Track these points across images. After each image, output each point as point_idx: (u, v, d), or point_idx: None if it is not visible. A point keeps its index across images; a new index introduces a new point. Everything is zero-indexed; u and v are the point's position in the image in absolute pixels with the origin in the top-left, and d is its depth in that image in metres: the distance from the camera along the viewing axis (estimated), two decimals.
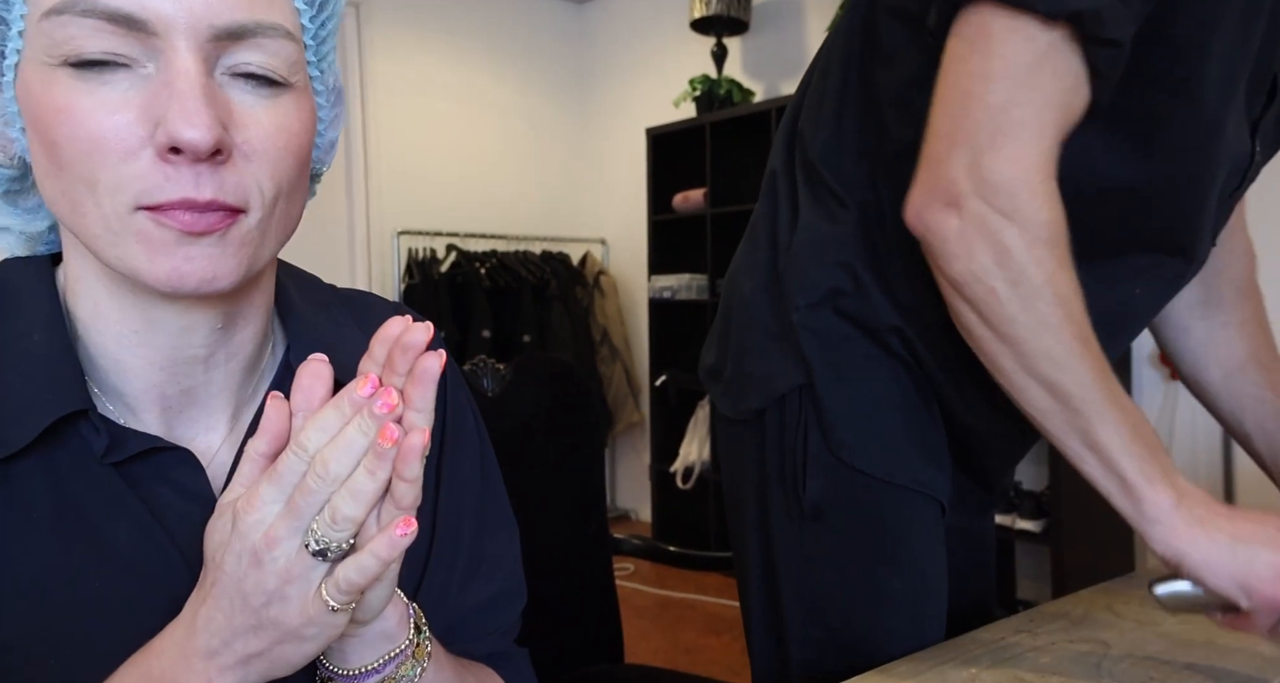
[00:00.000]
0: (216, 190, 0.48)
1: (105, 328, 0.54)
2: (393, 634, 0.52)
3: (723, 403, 0.95)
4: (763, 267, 0.92)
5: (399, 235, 4.13)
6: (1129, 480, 0.70)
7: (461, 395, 0.71)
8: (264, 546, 0.45)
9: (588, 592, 1.32)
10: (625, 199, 4.58)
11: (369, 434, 0.45)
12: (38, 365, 0.52)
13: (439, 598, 0.65)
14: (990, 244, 0.70)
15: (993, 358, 0.73)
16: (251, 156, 0.50)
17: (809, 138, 0.90)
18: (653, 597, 3.48)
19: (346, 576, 0.46)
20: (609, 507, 4.31)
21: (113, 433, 0.53)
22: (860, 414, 0.85)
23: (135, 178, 0.47)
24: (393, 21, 4.14)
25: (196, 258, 0.49)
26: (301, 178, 0.54)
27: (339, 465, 0.45)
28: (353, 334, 0.66)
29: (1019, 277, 0.69)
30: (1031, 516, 2.80)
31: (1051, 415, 0.72)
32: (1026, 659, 0.76)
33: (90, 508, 0.52)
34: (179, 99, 0.46)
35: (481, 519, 0.69)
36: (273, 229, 0.53)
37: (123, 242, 0.49)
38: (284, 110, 0.52)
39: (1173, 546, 0.69)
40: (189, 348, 0.55)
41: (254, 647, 0.47)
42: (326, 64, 0.57)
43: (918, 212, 0.73)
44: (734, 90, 3.84)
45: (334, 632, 0.48)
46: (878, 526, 0.85)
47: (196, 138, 0.46)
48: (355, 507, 0.45)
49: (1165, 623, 0.84)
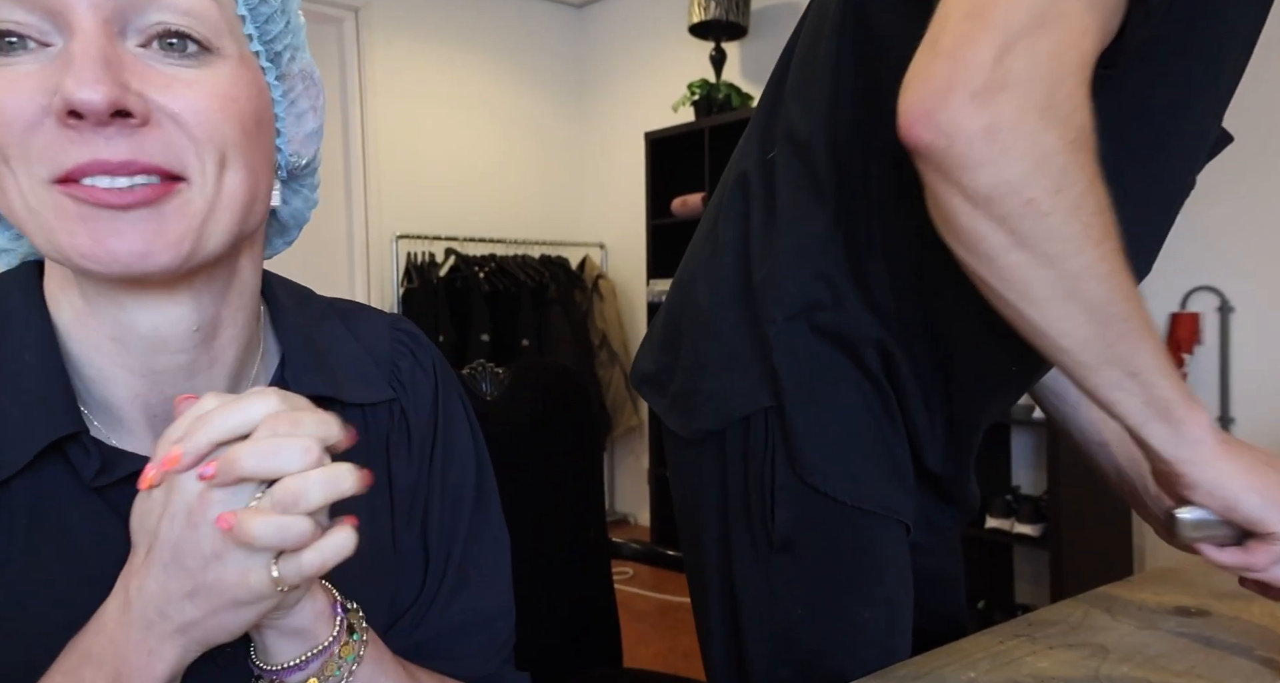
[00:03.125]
0: (134, 152, 0.47)
1: (85, 336, 0.53)
2: (310, 631, 0.51)
3: (670, 419, 0.89)
4: (729, 276, 0.85)
5: (398, 239, 4.13)
6: (1169, 402, 0.66)
7: (456, 407, 0.70)
8: (199, 505, 0.44)
9: (586, 596, 1.32)
10: (624, 203, 4.59)
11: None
12: (29, 387, 0.51)
13: (422, 613, 0.65)
14: (1029, 146, 0.59)
15: (1025, 287, 0.63)
16: (179, 120, 0.48)
17: (798, 128, 0.83)
18: (651, 601, 3.47)
19: (311, 559, 0.45)
20: (608, 511, 4.31)
21: (104, 455, 0.52)
22: (831, 438, 0.80)
23: (41, 148, 0.46)
24: (392, 26, 4.15)
25: (126, 232, 0.47)
26: (252, 151, 0.52)
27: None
28: (350, 347, 0.65)
29: (1061, 183, 0.60)
30: (1030, 520, 2.80)
31: (1090, 344, 0.64)
32: (1025, 664, 0.76)
33: (77, 533, 0.52)
34: (74, 62, 0.45)
35: (473, 536, 0.68)
36: (223, 205, 0.51)
37: (43, 219, 0.47)
38: (215, 75, 0.50)
39: (1215, 467, 0.67)
40: (166, 354, 0.54)
41: (190, 615, 0.46)
42: (280, 45, 0.55)
43: (926, 112, 0.60)
44: (732, 95, 3.84)
45: (271, 602, 0.47)
46: (848, 554, 0.81)
47: (91, 96, 0.44)
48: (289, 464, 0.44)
49: (1164, 627, 0.84)
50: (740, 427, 0.83)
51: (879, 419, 0.81)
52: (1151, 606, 0.91)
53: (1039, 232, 0.61)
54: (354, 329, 0.67)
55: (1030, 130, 0.59)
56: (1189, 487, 0.69)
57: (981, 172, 0.60)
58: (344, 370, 0.63)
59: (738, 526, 0.83)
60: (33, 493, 0.51)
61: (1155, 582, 0.99)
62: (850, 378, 0.81)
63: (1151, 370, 0.65)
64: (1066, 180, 0.60)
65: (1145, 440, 0.68)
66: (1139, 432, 0.68)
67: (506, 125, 4.58)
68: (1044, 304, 0.63)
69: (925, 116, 0.60)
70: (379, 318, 0.70)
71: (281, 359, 0.62)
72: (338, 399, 0.62)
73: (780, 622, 0.82)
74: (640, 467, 4.54)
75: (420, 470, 0.66)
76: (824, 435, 0.80)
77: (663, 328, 0.94)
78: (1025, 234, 0.61)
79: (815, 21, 0.86)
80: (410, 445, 0.66)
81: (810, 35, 0.86)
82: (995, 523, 2.87)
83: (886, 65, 0.75)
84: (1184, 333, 2.72)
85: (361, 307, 0.71)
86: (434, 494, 0.66)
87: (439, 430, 0.68)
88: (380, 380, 0.65)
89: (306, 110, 0.59)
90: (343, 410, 0.63)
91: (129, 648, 0.46)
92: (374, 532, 0.63)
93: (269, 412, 0.45)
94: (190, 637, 0.46)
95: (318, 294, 0.69)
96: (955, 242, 0.65)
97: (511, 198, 4.59)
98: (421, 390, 0.68)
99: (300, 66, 0.58)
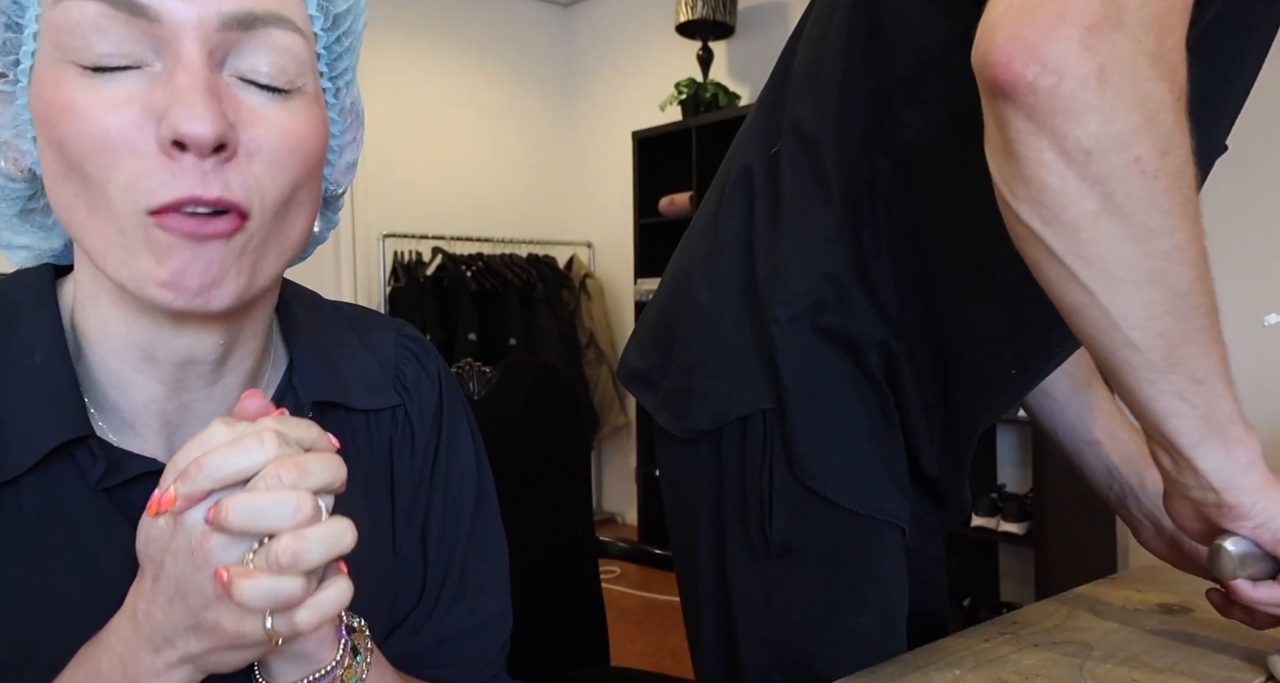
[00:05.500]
0: (223, 189, 0.47)
1: (111, 345, 0.53)
2: (314, 655, 0.51)
3: (662, 417, 0.88)
4: (729, 274, 0.83)
5: (384, 238, 4.12)
6: (1226, 419, 0.60)
7: (459, 414, 0.70)
8: (200, 547, 0.44)
9: (573, 595, 1.32)
10: (611, 202, 4.58)
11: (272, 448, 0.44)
12: (38, 387, 0.51)
13: (422, 619, 0.65)
14: (1142, 96, 0.52)
15: (1106, 265, 0.56)
16: (255, 155, 0.49)
17: (806, 125, 0.81)
18: (639, 600, 3.48)
19: (305, 617, 0.45)
20: (595, 510, 4.32)
21: (110, 457, 0.52)
22: (832, 441, 0.78)
23: (143, 175, 0.46)
24: (378, 24, 4.13)
25: (199, 260, 0.48)
26: (309, 189, 0.53)
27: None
28: (356, 352, 0.65)
29: (1169, 144, 0.53)
30: (1015, 518, 2.82)
31: (1162, 341, 0.58)
32: (1009, 662, 0.76)
33: (83, 532, 0.52)
34: (181, 92, 0.46)
35: (473, 542, 0.68)
36: (274, 243, 0.52)
37: (129, 247, 0.47)
38: (292, 113, 0.51)
39: (1269, 496, 0.62)
40: (193, 365, 0.54)
41: (194, 648, 0.46)
42: (343, 81, 0.56)
43: (1029, 44, 0.52)
44: (720, 94, 3.85)
45: (268, 645, 0.47)
46: (845, 559, 0.80)
47: (199, 130, 0.45)
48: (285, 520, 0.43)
49: (1147, 624, 0.85)
50: (737, 427, 0.81)
51: (877, 423, 0.80)
52: (1135, 603, 0.91)
53: (1138, 197, 0.54)
54: (361, 334, 0.67)
55: (1144, 78, 0.52)
56: (1238, 517, 0.63)
57: (1088, 119, 0.52)
58: (351, 376, 0.64)
59: (733, 529, 0.82)
60: (41, 492, 0.51)
61: (1139, 580, 1.00)
62: (852, 380, 0.79)
63: (1217, 379, 0.60)
64: (1173, 142, 0.54)
65: (1193, 463, 0.62)
66: (1189, 454, 0.62)
67: (493, 124, 4.58)
68: (1122, 287, 0.56)
69: (1027, 50, 0.52)
70: (385, 324, 0.70)
71: (290, 364, 0.62)
72: (344, 405, 0.62)
73: (776, 627, 0.81)
74: (628, 466, 4.54)
75: (423, 476, 0.67)
76: (825, 439, 0.78)
77: (654, 325, 0.92)
78: (1122, 200, 0.54)
79: (823, 15, 0.84)
80: (413, 451, 0.66)
81: (818, 29, 0.84)
82: (981, 521, 2.89)
83: (898, 62, 0.75)
84: None
85: (366, 311, 0.71)
86: (435, 500, 0.67)
87: (442, 437, 0.68)
88: (386, 386, 0.66)
89: (350, 142, 0.60)
90: (348, 416, 0.63)
91: (138, 669, 0.46)
92: (375, 536, 0.64)
93: (269, 457, 0.44)
94: (196, 665, 0.47)
95: (323, 298, 0.69)
96: (1033, 207, 0.57)
97: (499, 197, 4.58)
98: (426, 396, 0.68)
99: (351, 99, 0.59)
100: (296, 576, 0.43)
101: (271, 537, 0.43)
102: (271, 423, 0.45)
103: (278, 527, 0.43)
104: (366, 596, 0.58)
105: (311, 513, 0.43)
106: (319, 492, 0.44)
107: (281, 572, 0.43)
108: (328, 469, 0.45)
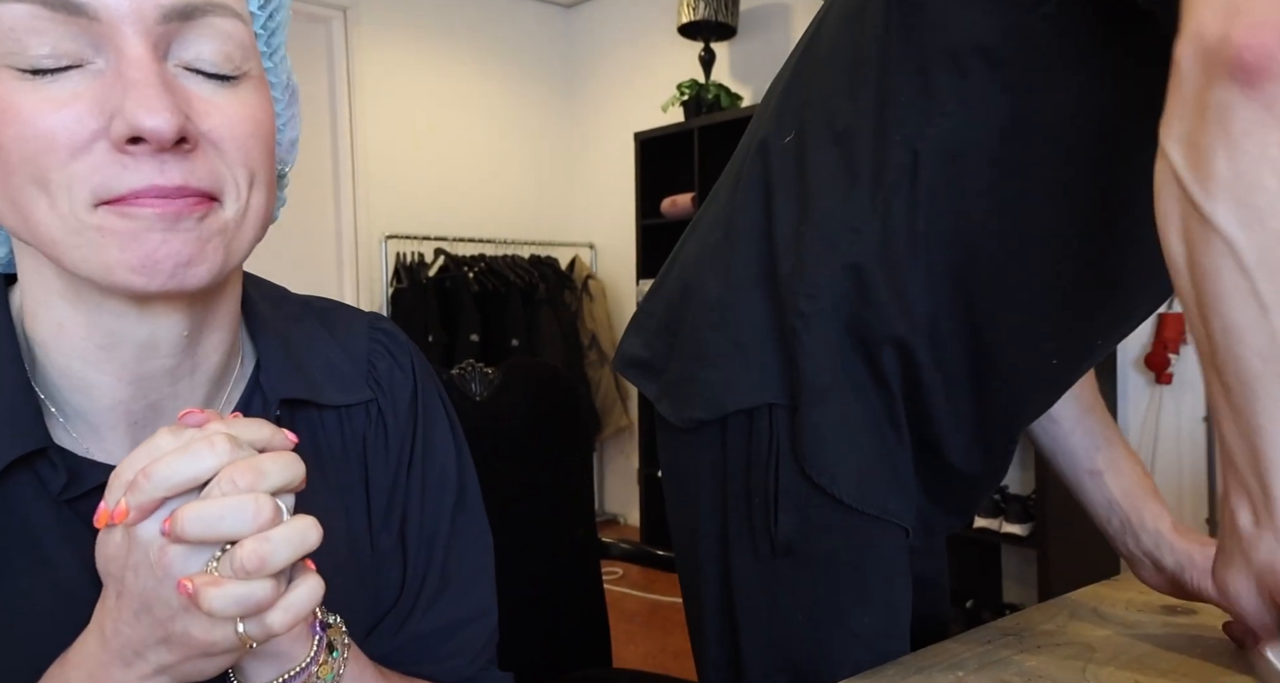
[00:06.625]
0: (186, 176, 0.47)
1: (69, 348, 0.52)
2: (287, 653, 0.50)
3: (663, 405, 0.86)
4: (745, 265, 0.81)
5: (387, 239, 4.12)
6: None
7: (435, 407, 0.69)
8: (159, 559, 0.43)
9: (576, 596, 1.32)
10: (614, 203, 4.58)
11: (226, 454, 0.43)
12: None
13: (404, 615, 0.64)
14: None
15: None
16: (220, 145, 0.49)
17: (838, 117, 0.78)
18: (641, 601, 3.48)
19: (278, 619, 0.44)
20: (597, 511, 4.32)
21: (71, 468, 0.51)
22: (839, 438, 0.77)
23: (88, 173, 0.45)
24: (380, 25, 4.14)
25: (172, 242, 0.47)
26: (271, 170, 0.53)
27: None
28: (327, 347, 0.65)
29: None
30: (1018, 519, 2.82)
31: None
32: (1012, 663, 0.76)
33: (46, 545, 0.51)
34: (135, 87, 0.45)
35: (455, 536, 0.68)
36: (247, 223, 0.51)
37: (86, 240, 0.46)
38: (242, 99, 0.50)
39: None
40: (155, 359, 0.53)
41: (166, 659, 0.45)
42: (278, 58, 0.56)
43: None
44: (722, 95, 3.85)
45: (242, 650, 0.47)
46: (850, 559, 0.79)
47: (159, 124, 0.44)
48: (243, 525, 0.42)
49: (1150, 626, 0.84)
50: (743, 420, 0.80)
51: (882, 422, 0.80)
52: (1138, 605, 0.91)
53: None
54: (331, 329, 0.66)
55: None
56: (1260, 565, 0.59)
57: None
58: (320, 372, 0.63)
59: (737, 527, 0.82)
60: (2, 505, 0.50)
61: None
62: (863, 378, 0.78)
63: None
64: None
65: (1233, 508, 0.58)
66: (1247, 491, 0.57)
67: (496, 126, 4.58)
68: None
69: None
70: (357, 317, 0.69)
71: (257, 362, 0.61)
72: (314, 401, 0.62)
73: (780, 628, 0.81)
74: (630, 467, 4.54)
75: (399, 471, 0.66)
76: (834, 435, 0.77)
77: (661, 314, 0.90)
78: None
79: (849, 5, 0.81)
80: (388, 446, 0.66)
81: (849, 8, 0.81)
82: (983, 522, 2.88)
83: (942, 47, 0.72)
84: (1171, 332, 2.75)
85: (339, 305, 0.70)
86: (413, 495, 0.66)
87: (418, 431, 0.67)
88: (357, 381, 0.65)
89: (291, 118, 0.60)
90: (319, 412, 0.63)
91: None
92: (352, 533, 0.63)
93: (221, 462, 0.43)
94: (170, 676, 0.46)
95: (293, 293, 0.68)
96: (1235, 207, 0.52)
97: (501, 198, 4.58)
98: (399, 391, 0.67)
99: (287, 74, 0.58)
100: (265, 579, 0.42)
101: (233, 543, 0.42)
102: (220, 426, 0.44)
103: (238, 533, 0.42)
104: (346, 594, 0.58)
105: (272, 516, 0.43)
106: (278, 492, 0.44)
107: (249, 577, 0.42)
108: (285, 469, 0.44)
